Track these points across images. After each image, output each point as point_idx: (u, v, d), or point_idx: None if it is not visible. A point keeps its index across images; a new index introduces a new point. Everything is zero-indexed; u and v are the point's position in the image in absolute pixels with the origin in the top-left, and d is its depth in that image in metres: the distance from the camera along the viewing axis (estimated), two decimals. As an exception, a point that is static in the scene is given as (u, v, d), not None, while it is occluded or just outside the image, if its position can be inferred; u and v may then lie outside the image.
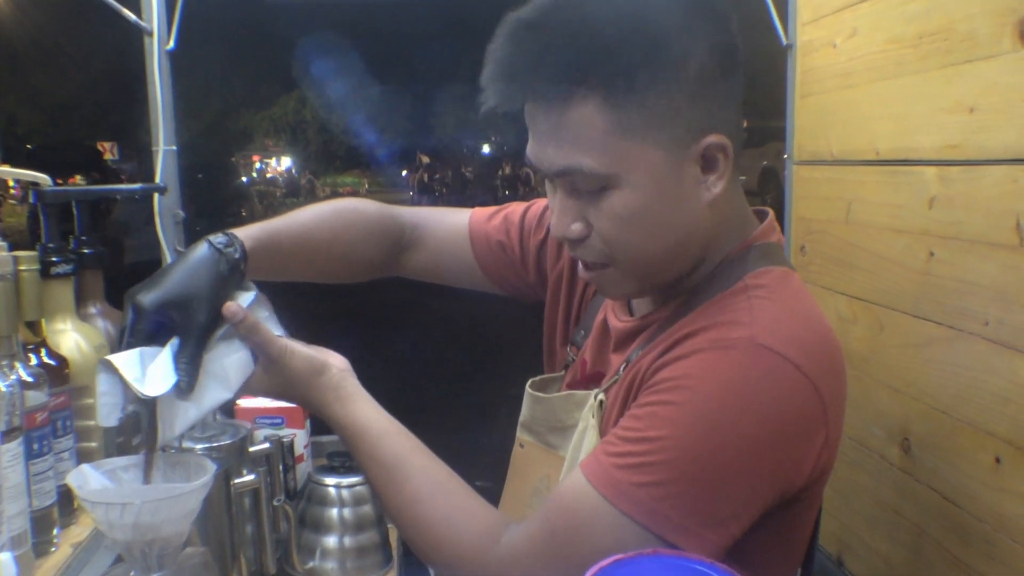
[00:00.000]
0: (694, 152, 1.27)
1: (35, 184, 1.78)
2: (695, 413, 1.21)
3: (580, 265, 1.40)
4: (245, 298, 1.43)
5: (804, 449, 1.25)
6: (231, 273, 1.40)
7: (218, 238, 1.42)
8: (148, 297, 1.32)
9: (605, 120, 1.22)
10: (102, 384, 1.32)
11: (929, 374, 1.76)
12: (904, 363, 1.85)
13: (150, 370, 1.31)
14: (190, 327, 1.34)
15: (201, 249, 1.40)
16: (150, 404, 1.31)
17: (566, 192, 1.32)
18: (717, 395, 1.21)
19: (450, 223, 1.80)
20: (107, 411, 1.33)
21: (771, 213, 1.46)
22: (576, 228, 1.32)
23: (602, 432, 1.40)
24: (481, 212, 1.80)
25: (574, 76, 1.21)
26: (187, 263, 1.38)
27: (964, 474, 1.66)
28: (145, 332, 1.33)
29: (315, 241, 1.65)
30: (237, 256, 1.41)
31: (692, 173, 1.28)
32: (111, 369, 1.29)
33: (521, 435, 1.62)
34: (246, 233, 1.47)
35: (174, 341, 1.35)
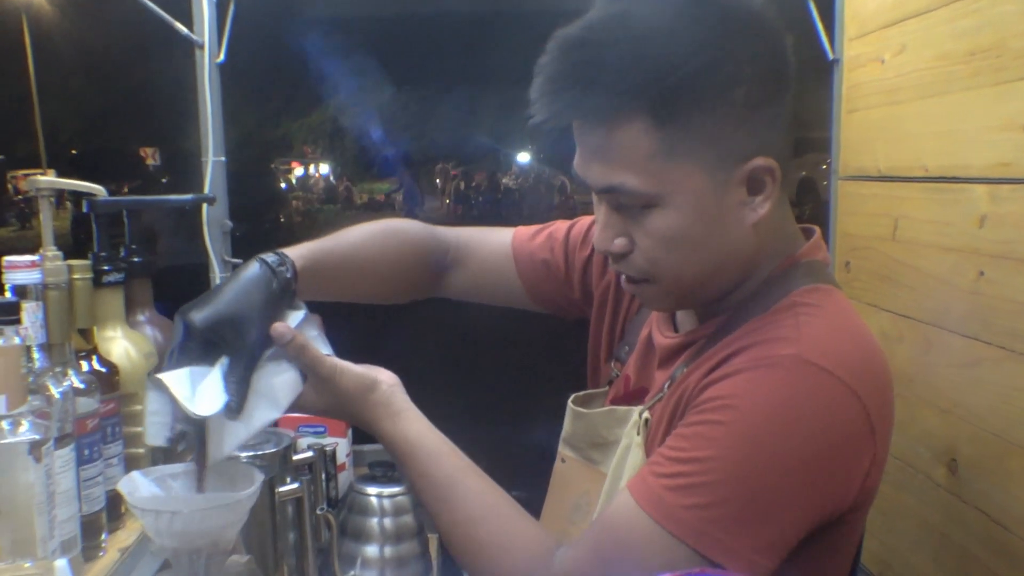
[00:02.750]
0: (739, 174, 1.27)
1: (90, 195, 1.80)
2: (742, 433, 1.21)
3: (623, 278, 1.41)
4: (294, 317, 1.43)
5: (852, 467, 1.25)
6: (282, 292, 1.41)
7: (269, 256, 1.42)
8: (199, 316, 1.33)
9: (650, 141, 1.23)
10: (152, 403, 1.32)
11: (978, 395, 1.74)
12: (952, 383, 1.84)
13: (200, 389, 1.31)
14: (240, 347, 1.34)
15: (253, 268, 1.40)
16: (200, 423, 1.32)
17: (610, 208, 1.33)
18: (764, 414, 1.21)
19: (493, 242, 1.80)
20: (156, 430, 1.34)
21: (818, 231, 1.45)
22: (619, 243, 1.33)
23: (647, 450, 1.40)
24: (524, 231, 1.80)
25: (620, 96, 1.22)
26: (239, 282, 1.38)
27: (1014, 497, 1.64)
28: (195, 351, 1.33)
29: (362, 261, 1.65)
30: (288, 275, 1.42)
31: (737, 194, 1.28)
32: (161, 387, 1.30)
33: (563, 450, 1.62)
34: (296, 252, 1.47)
35: (224, 361, 1.34)
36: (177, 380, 1.30)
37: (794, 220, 1.43)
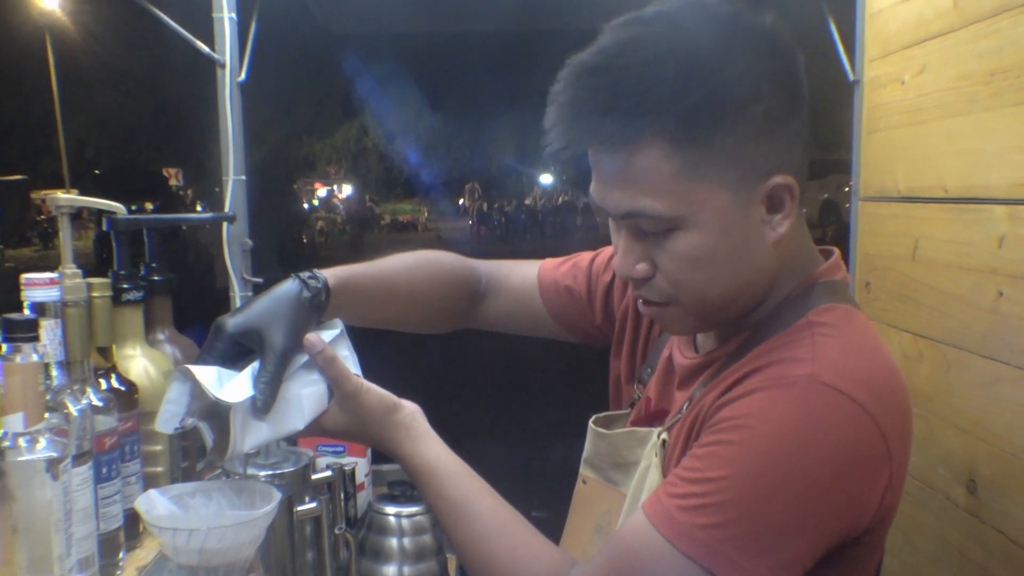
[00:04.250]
0: (760, 193, 1.26)
1: (110, 212, 1.81)
2: (755, 452, 1.20)
3: (641, 303, 1.40)
4: (328, 334, 1.47)
5: (867, 489, 1.24)
6: (312, 305, 1.45)
7: (304, 273, 1.47)
8: (231, 320, 1.38)
9: (671, 163, 1.22)
10: (171, 391, 1.34)
11: (997, 414, 1.74)
12: (971, 403, 1.83)
13: (228, 384, 1.34)
14: (269, 350, 1.38)
15: (287, 282, 1.46)
16: (223, 415, 1.34)
17: (631, 233, 1.32)
18: (777, 434, 1.20)
19: (521, 273, 1.83)
20: (167, 417, 1.35)
21: (837, 252, 1.45)
22: (641, 268, 1.32)
23: (664, 471, 1.40)
24: (551, 261, 1.83)
25: (639, 121, 1.21)
26: (272, 292, 1.44)
27: (1033, 517, 1.64)
28: (220, 352, 1.38)
29: (395, 287, 1.69)
30: (319, 286, 1.46)
31: (758, 213, 1.28)
32: (186, 377, 1.32)
33: (584, 471, 1.62)
34: (331, 271, 1.52)
35: (255, 363, 1.38)
36: (205, 371, 1.33)
37: (811, 240, 1.43)
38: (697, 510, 1.19)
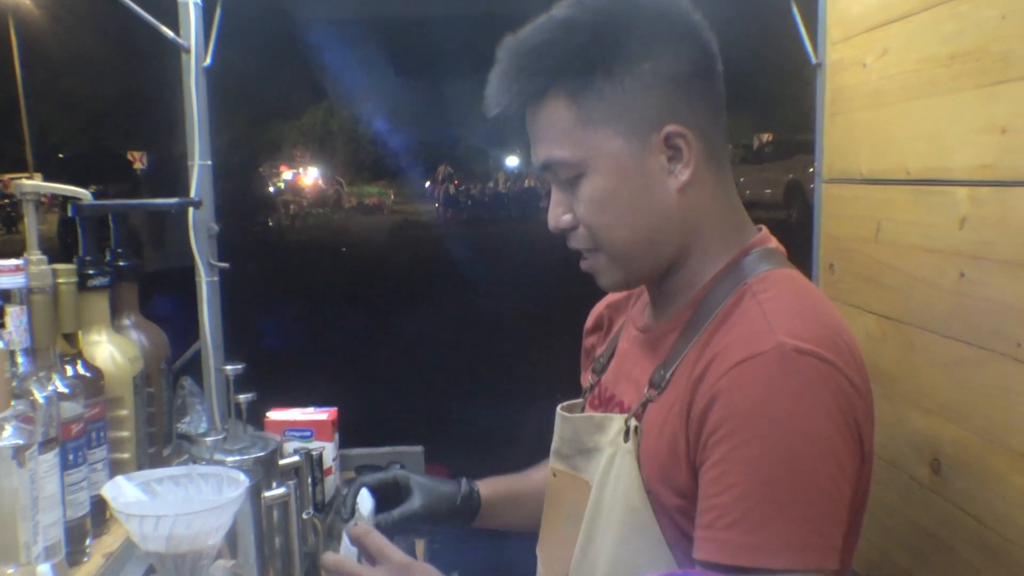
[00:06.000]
0: (656, 141, 1.40)
1: (75, 198, 1.80)
2: (767, 437, 1.23)
3: (581, 261, 1.52)
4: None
5: (858, 423, 1.29)
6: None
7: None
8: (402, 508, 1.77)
9: (572, 113, 1.40)
10: None
11: (960, 395, 1.75)
12: (934, 383, 1.85)
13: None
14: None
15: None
16: None
17: (556, 187, 1.48)
18: (776, 413, 1.24)
19: None
20: None
21: (764, 228, 1.54)
22: (565, 219, 1.48)
23: (640, 457, 1.41)
24: None
25: (541, 79, 1.41)
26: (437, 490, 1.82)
27: (997, 496, 1.65)
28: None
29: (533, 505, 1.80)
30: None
31: (658, 162, 1.41)
32: None
33: (553, 463, 1.64)
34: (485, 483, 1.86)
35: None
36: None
37: (746, 214, 1.52)
38: (762, 523, 1.22)
